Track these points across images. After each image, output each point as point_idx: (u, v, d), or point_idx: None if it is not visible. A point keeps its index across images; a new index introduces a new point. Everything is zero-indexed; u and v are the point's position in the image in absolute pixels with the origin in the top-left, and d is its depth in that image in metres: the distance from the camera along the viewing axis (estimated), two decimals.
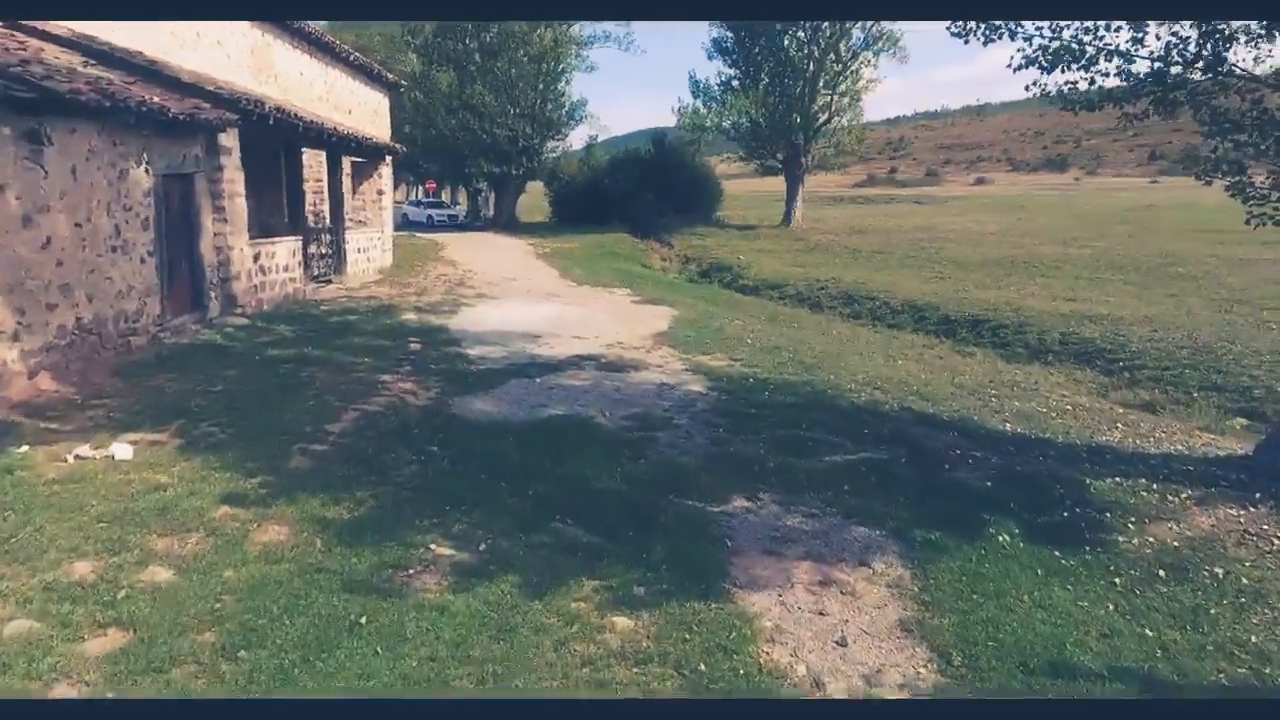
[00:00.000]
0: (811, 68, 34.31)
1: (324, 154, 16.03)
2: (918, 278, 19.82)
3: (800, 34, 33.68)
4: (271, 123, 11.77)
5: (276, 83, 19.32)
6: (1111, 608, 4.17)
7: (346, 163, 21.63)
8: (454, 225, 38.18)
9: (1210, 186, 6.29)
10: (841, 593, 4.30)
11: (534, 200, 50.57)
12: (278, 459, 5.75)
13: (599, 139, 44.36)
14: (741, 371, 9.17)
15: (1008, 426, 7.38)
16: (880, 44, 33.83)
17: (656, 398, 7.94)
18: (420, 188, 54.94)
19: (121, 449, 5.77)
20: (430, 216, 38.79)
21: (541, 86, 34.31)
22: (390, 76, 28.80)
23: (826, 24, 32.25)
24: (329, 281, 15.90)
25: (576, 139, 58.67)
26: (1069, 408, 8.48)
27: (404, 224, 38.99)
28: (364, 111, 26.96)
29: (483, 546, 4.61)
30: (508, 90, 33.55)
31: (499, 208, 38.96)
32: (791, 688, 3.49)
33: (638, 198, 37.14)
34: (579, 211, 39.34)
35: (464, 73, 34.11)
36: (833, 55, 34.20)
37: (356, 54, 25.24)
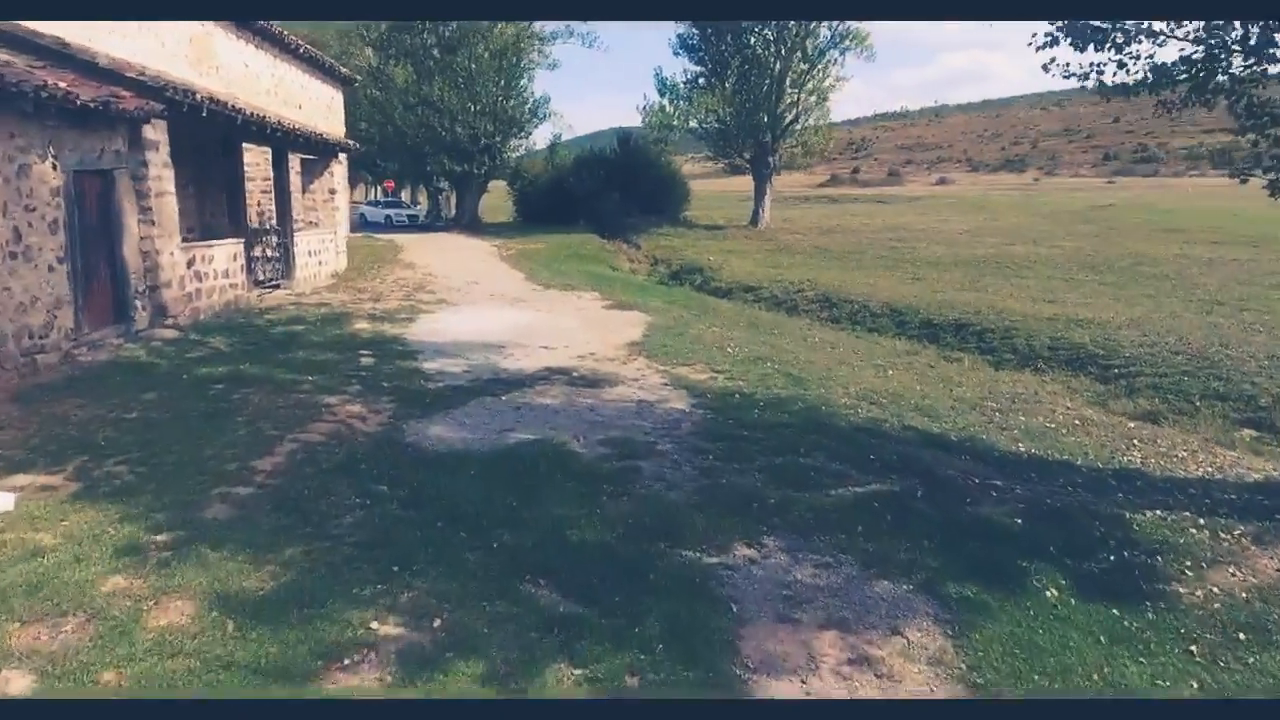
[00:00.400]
0: (778, 66, 33.85)
1: (271, 151, 14.91)
2: (894, 279, 19.35)
3: (767, 32, 33.19)
4: (205, 114, 10.71)
5: (218, 75, 18.10)
6: (1196, 686, 3.50)
7: (295, 160, 20.43)
8: (414, 226, 36.90)
9: (1245, 184, 5.68)
10: (876, 674, 3.56)
11: (498, 200, 49.41)
12: (193, 507, 4.84)
13: (563, 138, 43.53)
14: (725, 386, 8.43)
15: (1021, 447, 6.75)
16: (847, 42, 33.50)
17: (636, 417, 7.15)
18: (379, 187, 53.39)
19: (0, 499, 4.80)
20: (389, 217, 37.44)
21: (502, 82, 33.28)
22: (344, 71, 27.58)
23: (793, 22, 31.82)
24: (276, 287, 14.80)
25: (541, 138, 57.48)
26: (1077, 422, 7.91)
27: (361, 225, 37.63)
28: (316, 107, 25.72)
29: (438, 622, 3.77)
30: (468, 86, 32.47)
31: (461, 208, 37.80)
32: None
33: (604, 197, 36.34)
34: (544, 212, 38.39)
35: (421, 68, 32.95)
36: (799, 53, 33.79)
37: (308, 47, 24.00)
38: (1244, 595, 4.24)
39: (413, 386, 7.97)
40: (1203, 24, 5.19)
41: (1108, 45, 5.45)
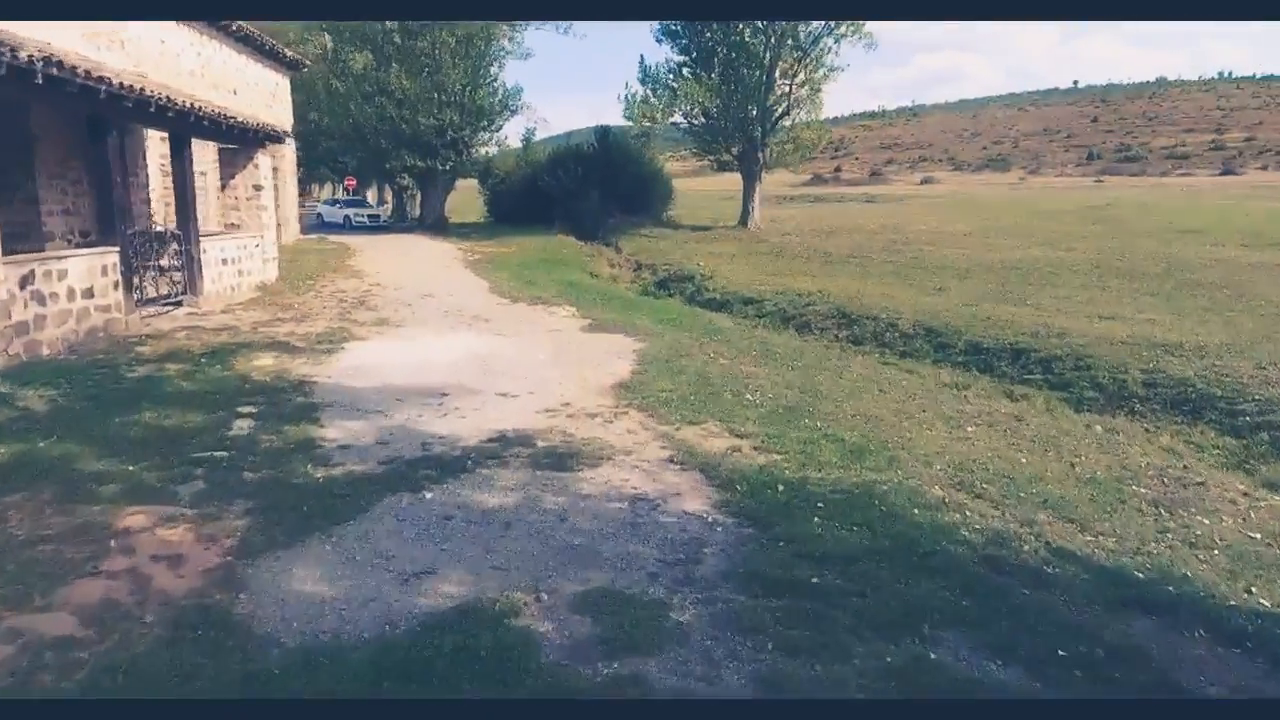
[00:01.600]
0: (768, 55, 31.37)
1: (170, 138, 12.09)
2: (913, 288, 16.92)
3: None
4: (40, 80, 7.90)
5: (124, 50, 15.16)
6: None
7: (208, 150, 17.56)
8: (375, 227, 33.92)
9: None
10: None
11: (468, 199, 46.48)
12: None
13: (536, 132, 40.78)
14: (758, 464, 5.85)
15: (1261, 601, 4.22)
16: (843, 29, 31.08)
17: (632, 537, 4.55)
18: (341, 186, 50.20)
19: None
20: (348, 218, 34.40)
21: (470, 70, 30.45)
22: (289, 54, 24.65)
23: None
24: (177, 304, 12.00)
25: (514, 134, 54.69)
26: None
27: (319, 226, 34.61)
28: (256, 93, 22.76)
29: None
30: (431, 74, 29.61)
31: (426, 207, 34.90)
32: None
33: (581, 197, 33.63)
34: (517, 211, 35.61)
35: (381, 54, 30.02)
36: (791, 41, 31.34)
37: (244, 25, 21.08)
38: None
39: (292, 476, 5.28)
40: None
41: None
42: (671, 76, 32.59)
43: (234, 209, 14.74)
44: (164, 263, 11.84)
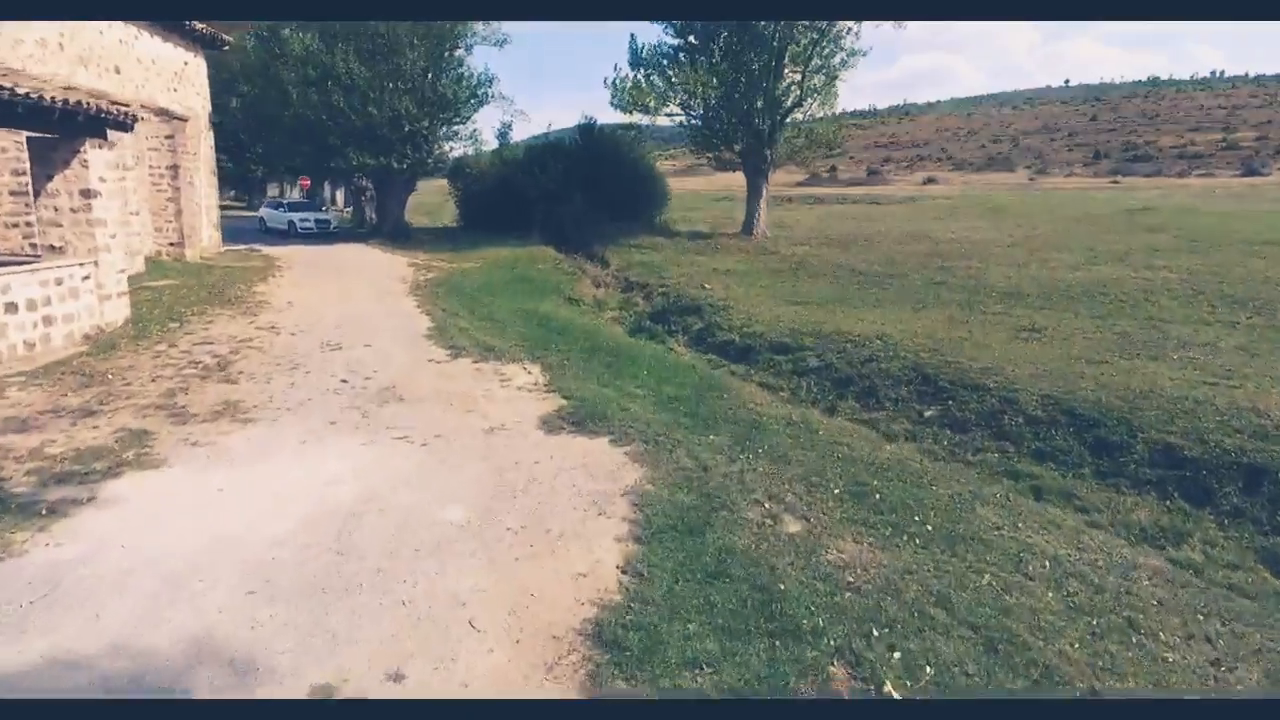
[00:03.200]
0: (777, 39, 27.10)
1: None
2: (992, 326, 12.67)
3: None
4: None
5: None
6: None
7: None
8: (323, 235, 29.33)
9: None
10: None
11: (438, 200, 41.88)
12: None
13: (515, 127, 36.42)
14: None
15: None
16: None
17: None
18: (295, 186, 45.49)
19: None
20: (293, 223, 29.71)
21: (430, 53, 25.96)
22: (202, 29, 20.07)
23: None
24: None
25: (489, 130, 50.20)
26: None
27: (262, 232, 30.02)
28: (152, 74, 18.16)
29: None
30: (385, 58, 25.10)
31: (382, 211, 30.34)
32: None
33: (563, 199, 29.24)
34: (491, 216, 31.17)
35: (326, 34, 25.49)
36: (805, 22, 27.09)
37: None
38: None
39: None
40: None
41: None
42: (666, 62, 28.23)
43: (53, 225, 10.29)
44: None
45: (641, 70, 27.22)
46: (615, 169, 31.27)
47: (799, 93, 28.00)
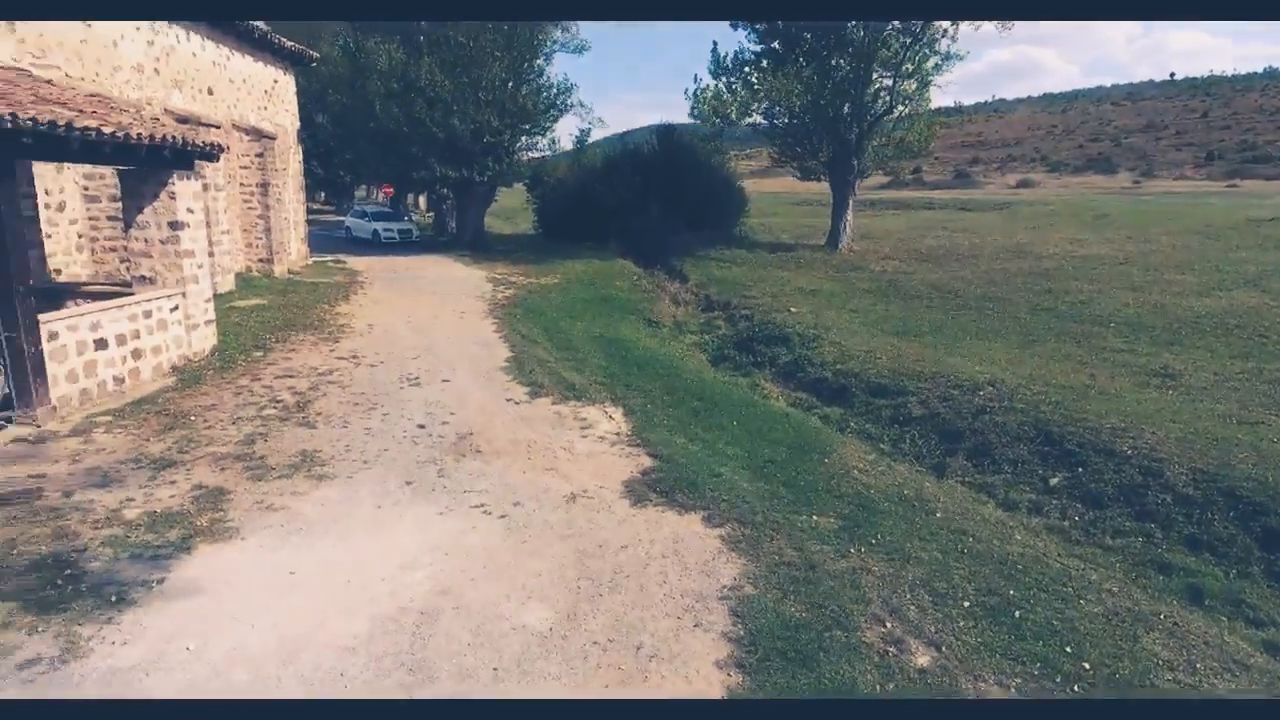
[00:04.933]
0: (866, 41, 25.90)
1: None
2: (1116, 370, 11.44)
3: None
4: None
5: (15, 34, 11.03)
6: None
7: (68, 176, 13.42)
8: (405, 245, 29.70)
9: None
10: None
11: (517, 204, 42.04)
12: None
13: (591, 134, 36.11)
14: None
15: None
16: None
17: None
18: (378, 192, 46.55)
19: None
20: (376, 232, 30.24)
21: (513, 65, 25.88)
22: (291, 46, 20.40)
23: None
24: (2, 428, 7.64)
25: (567, 135, 50.30)
26: None
27: (347, 242, 30.63)
28: (244, 93, 18.54)
29: None
30: (466, 69, 25.14)
31: (461, 222, 30.54)
32: None
33: (640, 210, 28.80)
34: (568, 224, 31.01)
35: (411, 45, 25.74)
36: (895, 23, 25.80)
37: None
38: None
39: None
40: None
41: None
42: (749, 69, 27.36)
43: (144, 256, 10.38)
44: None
45: (723, 78, 26.43)
46: (692, 176, 30.67)
47: (888, 99, 26.72)
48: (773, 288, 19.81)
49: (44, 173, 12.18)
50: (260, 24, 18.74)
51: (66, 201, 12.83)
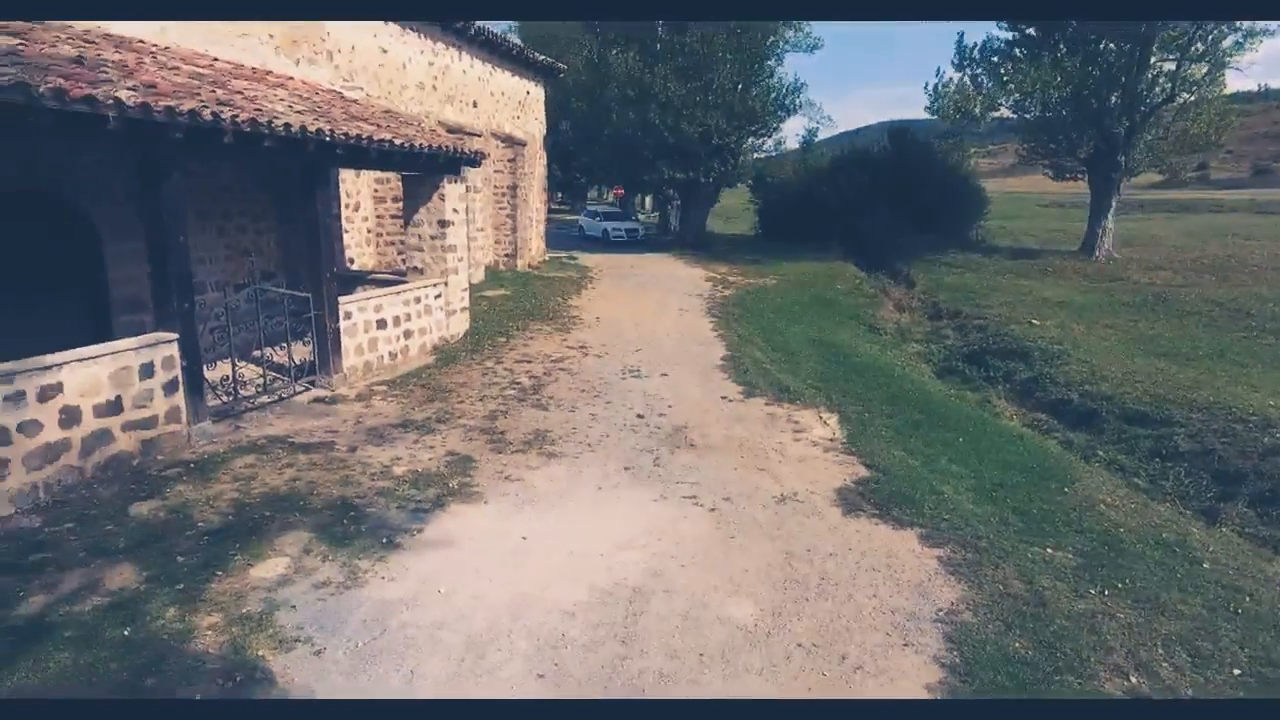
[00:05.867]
0: (1144, 23, 22.75)
1: (300, 168, 9.32)
2: None
3: None
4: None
5: (331, 62, 13.17)
6: None
7: (363, 180, 15.34)
8: (631, 243, 31.21)
9: None
10: None
11: (738, 203, 42.29)
12: None
13: (818, 134, 35.45)
14: None
15: None
16: None
17: None
18: (608, 192, 49.15)
19: None
20: (606, 231, 32.13)
21: (743, 67, 26.10)
22: (542, 59, 22.23)
23: None
24: (307, 390, 9.24)
25: (792, 134, 49.65)
26: None
27: (580, 240, 32.83)
28: (501, 105, 20.55)
29: None
30: (697, 73, 25.78)
31: (685, 222, 31.43)
32: None
33: (866, 211, 27.81)
34: (790, 226, 30.78)
35: (646, 51, 26.91)
36: None
37: (488, 30, 18.88)
38: None
39: None
40: None
41: None
42: (997, 59, 25.22)
43: (417, 250, 11.97)
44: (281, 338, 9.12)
45: (968, 71, 24.63)
46: (924, 175, 29.00)
47: (1169, 85, 23.31)
48: (1011, 297, 18.20)
49: (345, 178, 14.42)
50: (516, 40, 20.64)
51: (361, 202, 15.09)
